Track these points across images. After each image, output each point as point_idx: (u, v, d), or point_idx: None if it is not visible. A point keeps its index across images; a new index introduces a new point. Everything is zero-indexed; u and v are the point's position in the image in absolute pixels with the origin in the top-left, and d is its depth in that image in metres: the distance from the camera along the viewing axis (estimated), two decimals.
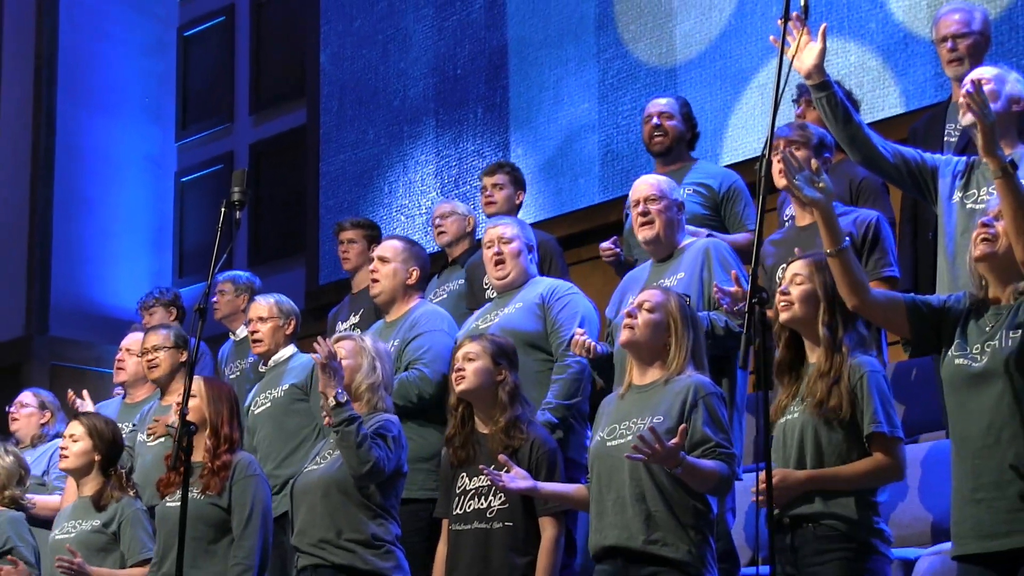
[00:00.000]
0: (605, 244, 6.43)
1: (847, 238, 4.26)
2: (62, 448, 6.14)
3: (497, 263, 6.10)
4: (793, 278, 4.48)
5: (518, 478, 4.91)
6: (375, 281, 6.50)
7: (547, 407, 5.67)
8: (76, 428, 6.12)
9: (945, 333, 4.18)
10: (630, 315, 4.80)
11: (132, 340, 7.36)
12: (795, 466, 4.34)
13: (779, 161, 4.89)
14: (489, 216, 7.17)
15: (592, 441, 4.85)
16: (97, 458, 6.07)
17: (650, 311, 4.78)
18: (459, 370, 5.19)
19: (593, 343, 5.42)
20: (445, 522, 5.23)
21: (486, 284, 6.70)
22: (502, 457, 4.95)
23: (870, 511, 4.35)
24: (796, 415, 4.39)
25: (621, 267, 6.52)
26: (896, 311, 4.23)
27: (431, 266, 6.98)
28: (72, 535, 5.97)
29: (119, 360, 7.39)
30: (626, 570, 4.64)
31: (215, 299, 7.85)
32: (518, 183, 7.32)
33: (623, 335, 4.80)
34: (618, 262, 6.49)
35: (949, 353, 4.15)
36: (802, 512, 4.30)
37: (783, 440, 4.41)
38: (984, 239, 4.08)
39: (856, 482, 4.32)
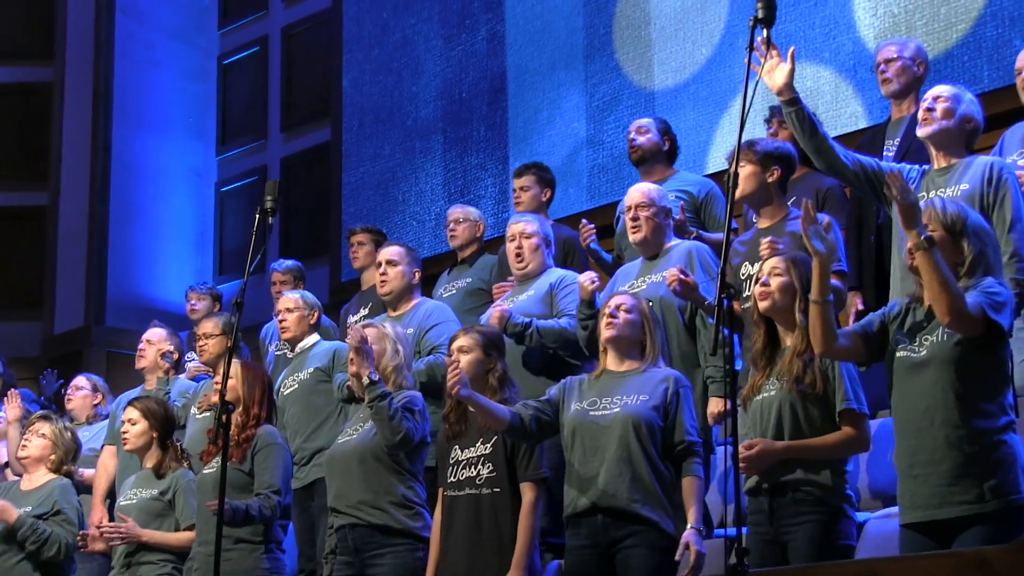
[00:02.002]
0: (588, 224, 6.43)
1: (832, 295, 4.17)
2: (123, 432, 6.12)
3: (517, 256, 6.10)
4: (772, 270, 4.44)
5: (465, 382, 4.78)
6: (384, 283, 6.40)
7: None
8: (132, 413, 6.09)
9: (889, 339, 4.16)
10: (611, 316, 4.84)
11: (151, 333, 7.39)
12: (773, 437, 4.29)
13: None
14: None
15: (569, 412, 4.80)
16: (155, 435, 6.06)
17: (628, 312, 4.84)
18: (454, 362, 5.06)
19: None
20: (441, 489, 5.15)
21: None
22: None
23: (842, 479, 4.30)
24: (773, 392, 4.35)
25: (607, 264, 6.50)
26: (855, 344, 4.16)
27: (442, 264, 6.92)
28: (134, 501, 5.96)
29: (140, 350, 7.39)
30: (606, 529, 4.60)
31: (277, 288, 7.86)
32: (544, 182, 7.17)
33: (607, 332, 4.84)
34: (607, 260, 6.50)
35: (892, 347, 4.14)
36: (783, 479, 4.25)
37: (760, 414, 4.36)
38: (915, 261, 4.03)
39: (828, 452, 4.27)
